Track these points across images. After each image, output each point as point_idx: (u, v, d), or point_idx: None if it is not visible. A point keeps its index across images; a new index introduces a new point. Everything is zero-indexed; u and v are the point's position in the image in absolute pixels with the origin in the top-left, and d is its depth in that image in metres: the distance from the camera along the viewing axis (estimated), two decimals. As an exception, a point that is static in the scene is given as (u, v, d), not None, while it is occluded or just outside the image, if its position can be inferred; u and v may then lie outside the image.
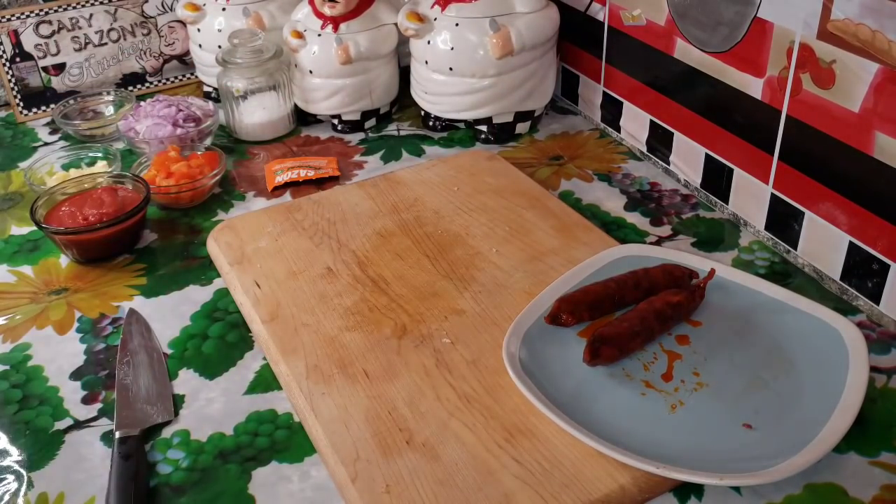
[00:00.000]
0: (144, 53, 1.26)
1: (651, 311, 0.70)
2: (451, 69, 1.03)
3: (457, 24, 1.01)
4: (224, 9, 1.15)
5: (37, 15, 1.18)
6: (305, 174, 1.00)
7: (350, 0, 1.04)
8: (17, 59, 1.19)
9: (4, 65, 1.18)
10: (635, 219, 0.91)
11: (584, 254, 0.81)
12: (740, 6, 0.81)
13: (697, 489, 0.60)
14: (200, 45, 1.19)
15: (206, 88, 1.25)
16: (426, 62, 1.05)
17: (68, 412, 0.70)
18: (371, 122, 1.14)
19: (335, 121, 1.13)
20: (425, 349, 0.71)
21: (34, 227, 0.88)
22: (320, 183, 1.00)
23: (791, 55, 0.76)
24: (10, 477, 0.65)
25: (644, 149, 1.02)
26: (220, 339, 0.77)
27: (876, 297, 0.74)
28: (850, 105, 0.71)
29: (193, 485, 0.63)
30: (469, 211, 0.90)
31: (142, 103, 1.09)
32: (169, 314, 0.81)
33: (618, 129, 1.06)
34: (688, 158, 0.94)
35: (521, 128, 1.09)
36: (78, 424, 0.69)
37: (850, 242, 0.75)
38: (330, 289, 0.79)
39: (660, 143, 0.99)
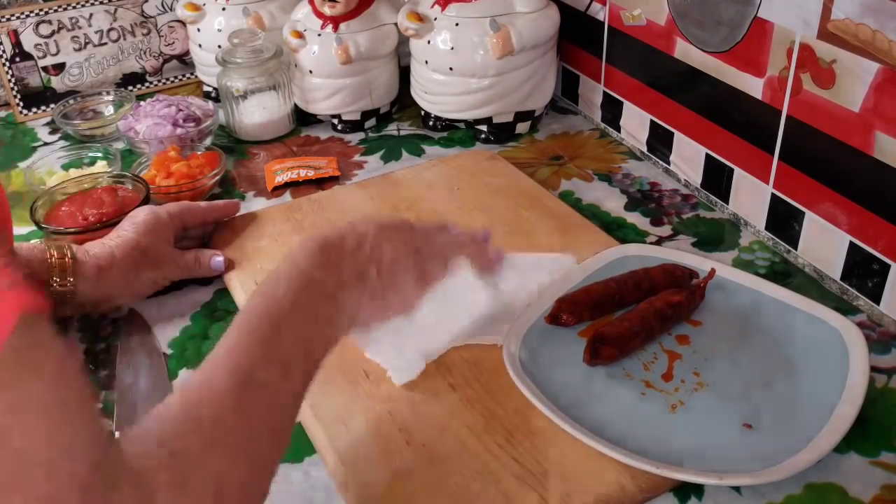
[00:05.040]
0: (144, 53, 1.26)
1: (651, 311, 0.70)
2: (451, 69, 1.03)
3: (457, 24, 1.01)
4: (224, 9, 1.15)
5: (37, 15, 1.18)
6: (305, 174, 1.00)
7: (350, 0, 1.04)
8: (17, 59, 1.19)
9: (4, 65, 1.18)
10: (635, 219, 0.91)
11: (584, 254, 0.80)
12: (740, 6, 0.81)
13: (697, 489, 0.60)
14: (200, 45, 1.19)
15: (206, 88, 1.25)
16: (426, 62, 1.05)
17: (68, 412, 0.70)
18: (371, 122, 1.14)
19: (335, 121, 1.13)
20: (425, 349, 0.71)
21: (34, 227, 0.88)
22: (320, 183, 1.00)
23: (791, 55, 0.76)
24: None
25: (644, 149, 1.02)
26: (220, 339, 0.77)
27: (876, 297, 0.74)
28: (851, 105, 0.71)
29: (193, 485, 0.63)
30: (469, 211, 0.90)
31: (142, 103, 1.09)
32: (169, 314, 0.81)
33: (618, 129, 1.06)
34: (688, 158, 0.94)
35: (521, 128, 1.09)
36: (78, 424, 0.69)
37: (851, 242, 0.75)
38: (330, 289, 0.79)
39: (660, 142, 0.99)
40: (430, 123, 1.11)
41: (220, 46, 1.13)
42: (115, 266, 0.76)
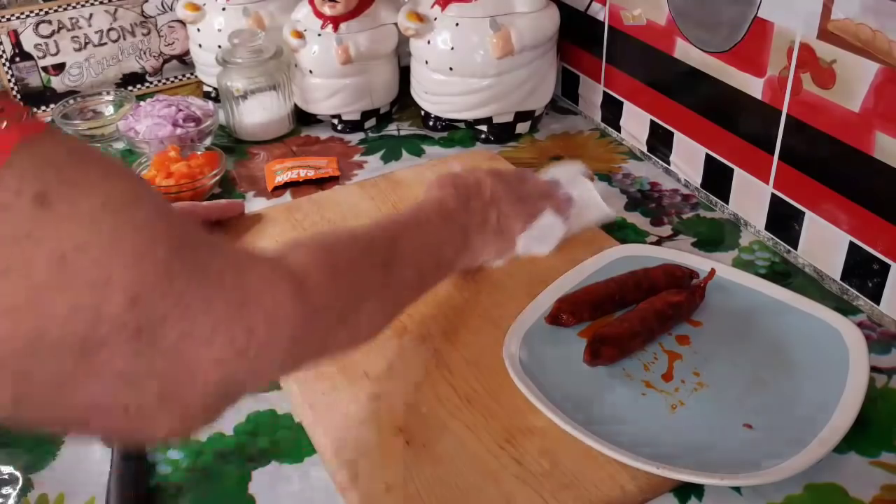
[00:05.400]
0: (144, 53, 1.26)
1: (651, 312, 0.70)
2: (451, 69, 1.03)
3: (457, 24, 1.01)
4: (224, 9, 1.15)
5: (37, 15, 1.18)
6: (305, 174, 1.00)
7: (350, 0, 1.04)
8: (17, 59, 1.19)
9: (4, 65, 1.18)
10: (636, 219, 0.91)
11: (584, 254, 0.80)
12: (740, 6, 0.80)
13: (698, 489, 0.60)
14: (200, 45, 1.19)
15: (206, 88, 1.25)
16: (426, 62, 1.05)
17: (68, 412, 0.70)
18: (371, 122, 1.14)
19: (335, 121, 1.13)
20: (425, 349, 0.71)
21: (34, 227, 0.88)
22: (320, 183, 1.00)
23: (791, 55, 0.76)
24: (11, 478, 0.65)
25: (644, 149, 1.02)
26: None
27: (876, 297, 0.74)
28: (851, 105, 0.71)
29: (193, 485, 0.63)
30: (469, 211, 0.90)
31: (142, 103, 1.09)
32: (169, 314, 0.80)
33: (618, 129, 1.06)
34: (688, 158, 0.94)
35: (521, 128, 1.09)
36: (78, 424, 0.69)
37: (851, 242, 0.75)
38: (330, 289, 0.79)
39: (660, 142, 0.99)
40: (430, 123, 1.11)
41: (220, 46, 1.13)
42: None
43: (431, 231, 0.68)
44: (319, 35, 1.07)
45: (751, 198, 0.86)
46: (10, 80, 1.19)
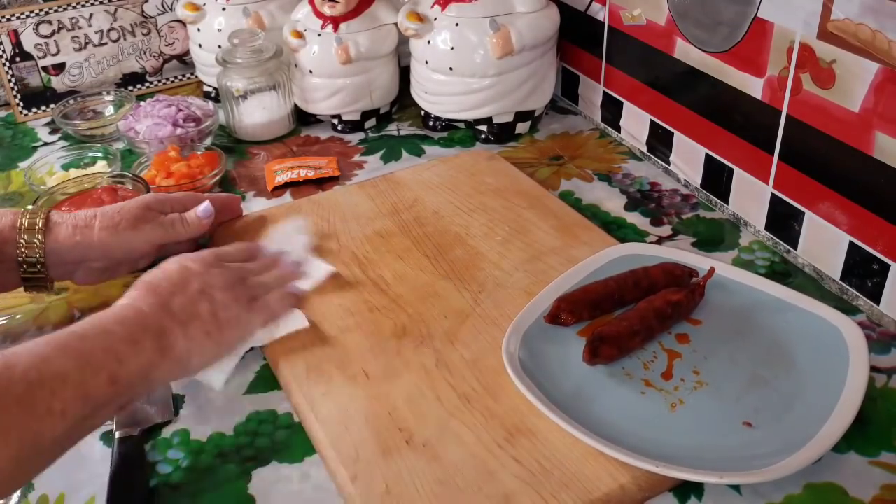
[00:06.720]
0: (144, 53, 1.26)
1: (651, 310, 0.70)
2: (451, 69, 1.03)
3: (457, 24, 1.01)
4: (224, 9, 1.16)
5: (37, 15, 1.18)
6: (305, 174, 1.00)
7: (350, 0, 1.04)
8: (17, 59, 1.19)
9: (4, 65, 1.18)
10: (635, 219, 0.91)
11: (583, 253, 0.81)
12: (740, 6, 0.81)
13: (697, 488, 0.60)
14: (200, 45, 1.19)
15: (206, 88, 1.25)
16: (426, 62, 1.05)
17: (68, 412, 0.70)
18: (371, 122, 1.14)
19: (335, 121, 1.13)
20: (425, 349, 0.71)
21: (34, 227, 0.88)
22: (320, 183, 1.00)
23: (791, 55, 0.76)
24: (10, 477, 0.65)
25: (644, 149, 1.02)
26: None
27: (876, 297, 0.74)
28: (850, 105, 0.71)
29: (193, 485, 0.63)
30: (469, 211, 0.90)
31: (142, 103, 1.09)
32: (169, 314, 0.80)
33: (618, 129, 1.07)
34: (688, 158, 0.94)
35: (521, 128, 1.09)
36: (78, 424, 0.69)
37: (850, 242, 0.75)
38: (329, 289, 0.79)
39: (660, 142, 0.99)
40: (430, 123, 1.11)
41: (220, 46, 1.13)
42: (94, 227, 0.76)
43: (107, 341, 0.59)
44: (319, 35, 1.07)
45: (751, 198, 0.86)
46: (10, 80, 1.19)
